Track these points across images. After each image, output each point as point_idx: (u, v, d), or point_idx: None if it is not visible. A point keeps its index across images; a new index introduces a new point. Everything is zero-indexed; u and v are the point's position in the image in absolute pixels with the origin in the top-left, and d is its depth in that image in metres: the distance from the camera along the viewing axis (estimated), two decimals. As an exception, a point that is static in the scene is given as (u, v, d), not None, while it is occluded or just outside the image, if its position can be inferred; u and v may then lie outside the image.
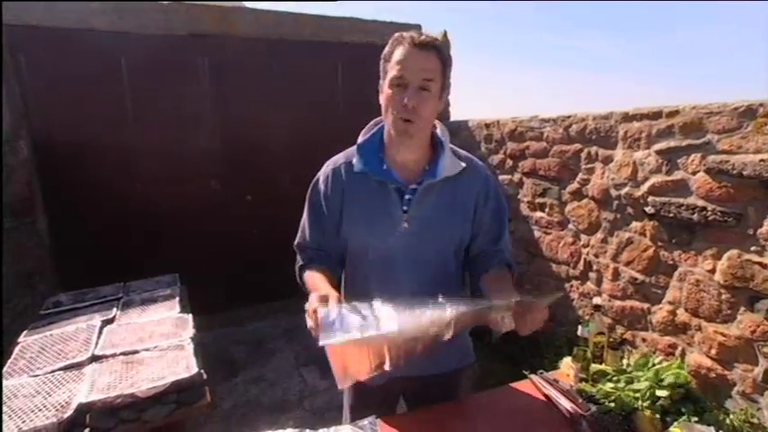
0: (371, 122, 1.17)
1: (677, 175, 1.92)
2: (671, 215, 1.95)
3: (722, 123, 1.76)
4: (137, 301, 1.97)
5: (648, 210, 2.04)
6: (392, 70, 0.98)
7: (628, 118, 2.11)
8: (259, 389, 2.68)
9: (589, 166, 2.35)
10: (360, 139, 1.12)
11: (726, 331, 1.82)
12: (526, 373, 1.37)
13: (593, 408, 1.13)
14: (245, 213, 3.51)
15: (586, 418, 1.10)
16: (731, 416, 1.65)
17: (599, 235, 2.34)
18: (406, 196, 1.06)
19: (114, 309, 1.88)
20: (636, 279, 2.16)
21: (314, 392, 2.65)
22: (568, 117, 2.44)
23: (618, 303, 2.26)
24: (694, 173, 1.86)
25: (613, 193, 2.22)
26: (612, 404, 1.10)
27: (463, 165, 1.10)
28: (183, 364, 1.43)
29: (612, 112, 2.19)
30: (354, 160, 1.09)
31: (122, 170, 3.10)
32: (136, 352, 1.51)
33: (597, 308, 1.37)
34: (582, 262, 2.47)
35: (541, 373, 1.35)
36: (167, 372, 1.39)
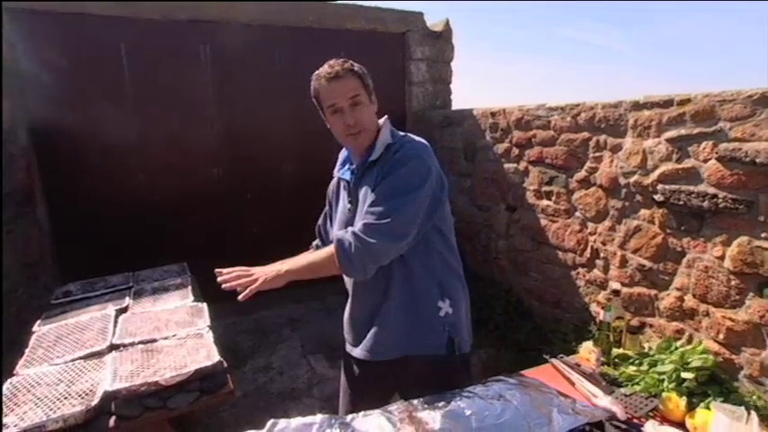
0: None
1: (688, 162, 1.94)
2: (681, 203, 1.97)
3: (735, 111, 1.78)
4: (148, 290, 1.96)
5: (658, 197, 2.06)
6: (325, 102, 1.17)
7: (638, 106, 2.12)
8: (268, 377, 2.69)
9: (597, 154, 2.36)
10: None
11: (734, 316, 1.86)
12: (547, 357, 1.39)
13: (619, 390, 1.16)
14: (248, 202, 3.49)
15: (610, 400, 1.12)
16: (759, 396, 1.67)
17: (606, 223, 2.37)
18: (351, 186, 1.24)
19: (127, 298, 1.87)
20: (644, 266, 2.19)
21: (322, 380, 2.67)
22: (577, 105, 2.45)
23: (625, 290, 2.29)
24: (705, 160, 1.87)
25: (622, 181, 2.23)
26: (637, 387, 1.12)
27: (389, 141, 1.18)
28: (203, 353, 1.43)
29: (622, 100, 2.20)
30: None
31: (123, 159, 3.06)
32: (154, 341, 1.50)
33: (616, 293, 1.39)
34: (589, 249, 2.49)
35: (561, 357, 1.37)
36: (188, 360, 1.38)
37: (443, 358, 1.20)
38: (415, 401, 1.05)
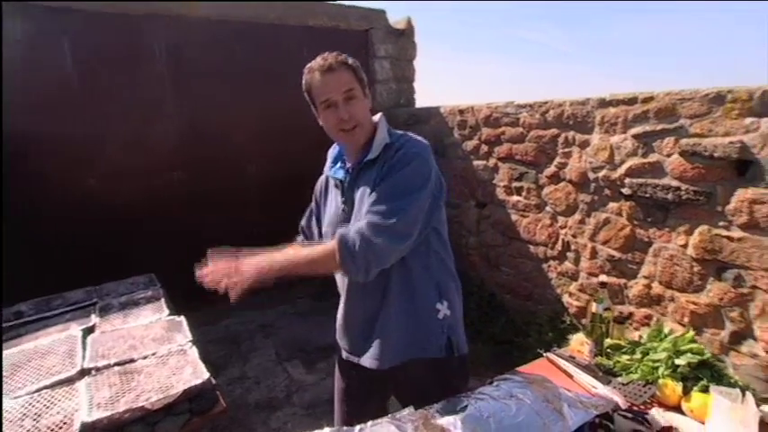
0: None
1: (653, 157, 2.05)
2: (647, 195, 2.09)
3: (694, 109, 1.90)
4: (115, 305, 1.81)
5: (625, 191, 2.17)
6: (318, 97, 1.12)
7: (604, 104, 2.22)
8: (243, 388, 2.58)
9: (566, 150, 2.45)
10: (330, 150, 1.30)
11: (697, 300, 1.99)
12: (541, 351, 1.42)
13: (617, 379, 1.20)
14: (211, 205, 3.33)
15: (608, 389, 1.16)
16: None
17: (576, 216, 2.46)
18: (345, 185, 1.20)
19: (92, 315, 1.72)
20: (613, 257, 2.29)
21: (301, 387, 2.59)
22: (545, 103, 2.52)
23: (596, 280, 2.40)
24: (669, 155, 1.99)
25: (591, 175, 2.33)
26: (634, 375, 1.17)
27: (387, 141, 1.14)
28: (188, 371, 1.34)
29: (589, 98, 2.29)
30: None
31: (72, 163, 2.81)
32: (132, 361, 1.39)
33: (603, 285, 1.44)
34: (560, 243, 2.59)
35: (555, 351, 1.40)
36: (174, 380, 1.29)
37: (443, 360, 1.19)
38: (431, 408, 1.03)
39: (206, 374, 1.29)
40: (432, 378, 1.20)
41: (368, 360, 1.20)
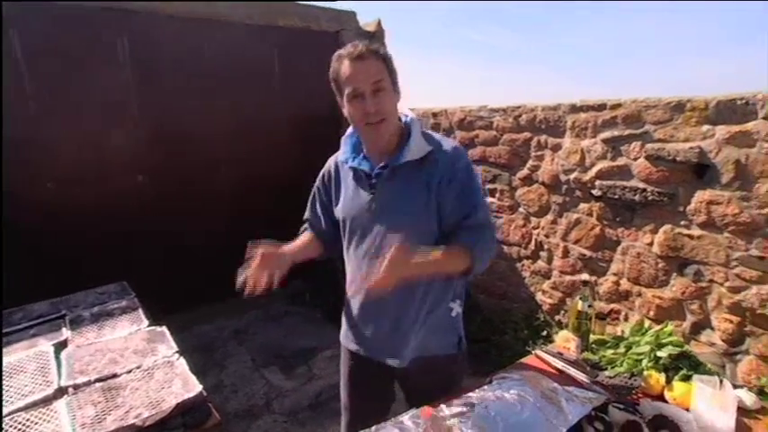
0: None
1: (621, 160, 2.17)
2: (616, 197, 2.21)
3: (657, 116, 2.03)
4: (87, 317, 1.70)
5: (595, 192, 2.29)
6: (346, 87, 1.08)
7: (575, 109, 2.33)
8: (221, 397, 2.50)
9: (539, 153, 2.55)
10: (344, 136, 1.25)
11: (662, 294, 2.13)
12: (529, 349, 1.47)
13: (604, 373, 1.26)
14: (178, 209, 3.20)
15: (600, 383, 1.23)
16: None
17: (549, 217, 2.57)
18: (373, 180, 1.17)
19: (63, 329, 1.60)
20: (584, 255, 2.41)
21: (281, 393, 2.55)
22: (518, 107, 2.61)
23: (568, 278, 2.51)
24: (636, 159, 2.12)
25: (563, 178, 2.44)
26: (620, 368, 1.24)
27: (429, 148, 1.14)
28: (178, 384, 1.29)
29: (560, 103, 2.40)
30: (340, 153, 1.25)
31: (26, 168, 2.62)
32: (115, 376, 1.31)
33: (585, 283, 1.51)
34: (533, 242, 2.69)
35: (543, 348, 1.46)
36: (164, 394, 1.24)
37: (453, 356, 1.26)
38: (438, 409, 1.04)
39: (198, 387, 1.25)
40: (443, 374, 1.26)
41: (389, 358, 1.21)
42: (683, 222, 2.02)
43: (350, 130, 1.23)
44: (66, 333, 1.58)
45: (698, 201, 1.95)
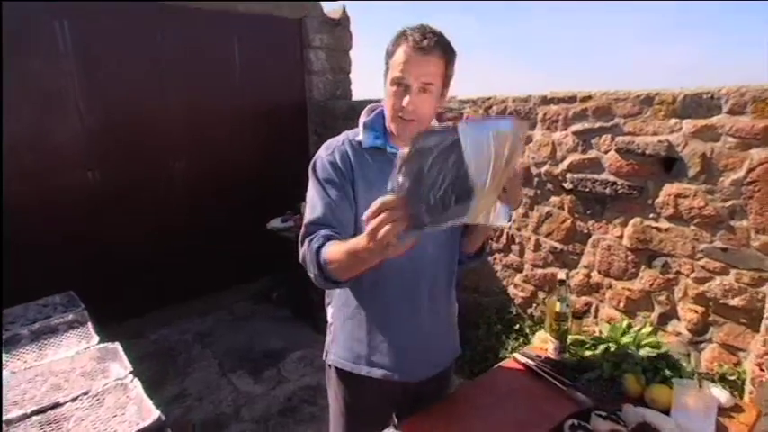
0: (368, 107, 1.15)
1: (592, 153, 2.17)
2: (587, 190, 2.21)
3: (627, 109, 2.03)
4: (26, 335, 1.53)
5: (567, 185, 2.28)
6: (394, 70, 0.99)
7: (546, 101, 2.30)
8: (184, 407, 2.36)
9: (510, 146, 2.51)
10: (364, 119, 1.11)
11: (631, 286, 2.16)
12: (506, 353, 1.44)
13: (582, 376, 1.24)
14: (131, 208, 2.99)
15: (578, 386, 1.20)
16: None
17: (520, 210, 2.55)
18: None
19: (-3, 351, 1.43)
20: (556, 248, 2.41)
21: (250, 399, 2.44)
22: (489, 99, 2.57)
23: (540, 271, 2.51)
24: (606, 152, 2.11)
25: (534, 170, 2.41)
26: (600, 370, 1.21)
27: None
28: (132, 410, 1.16)
29: (531, 95, 2.36)
30: (362, 137, 1.09)
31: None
32: (57, 405, 1.17)
33: (562, 282, 1.48)
34: (504, 236, 2.67)
35: (522, 351, 1.42)
36: (114, 423, 1.11)
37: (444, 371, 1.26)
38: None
39: (155, 413, 1.13)
40: (441, 378, 1.25)
41: (404, 376, 1.14)
42: (651, 215, 2.04)
43: (364, 117, 1.11)
44: (-1, 355, 1.41)
45: (666, 194, 1.97)
